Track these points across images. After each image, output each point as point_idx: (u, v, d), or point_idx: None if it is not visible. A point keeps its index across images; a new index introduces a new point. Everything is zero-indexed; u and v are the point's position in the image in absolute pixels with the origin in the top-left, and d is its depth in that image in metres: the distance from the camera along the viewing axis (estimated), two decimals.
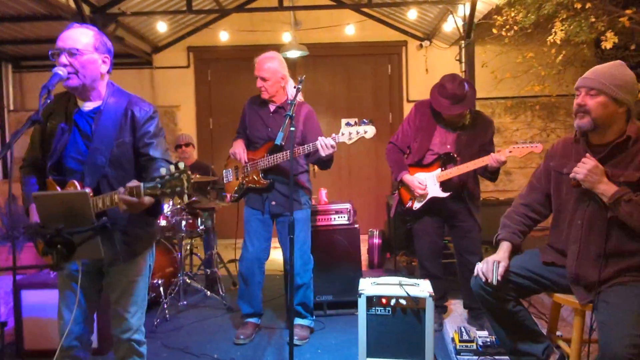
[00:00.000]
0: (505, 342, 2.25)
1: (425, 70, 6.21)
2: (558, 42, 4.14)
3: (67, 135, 1.89)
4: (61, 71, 1.81)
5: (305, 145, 2.98)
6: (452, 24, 5.19)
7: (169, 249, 4.16)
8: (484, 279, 2.13)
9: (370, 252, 4.98)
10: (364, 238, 4.97)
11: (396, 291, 2.44)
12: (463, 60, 5.12)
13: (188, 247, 4.43)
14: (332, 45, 6.24)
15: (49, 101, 1.77)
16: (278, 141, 2.63)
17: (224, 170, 3.35)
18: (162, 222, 4.00)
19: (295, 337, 3.17)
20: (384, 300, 2.42)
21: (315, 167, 4.96)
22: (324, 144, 2.89)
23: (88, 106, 1.94)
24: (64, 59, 1.81)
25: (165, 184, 1.67)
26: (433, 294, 2.44)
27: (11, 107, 6.24)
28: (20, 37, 5.33)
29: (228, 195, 3.32)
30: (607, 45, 3.77)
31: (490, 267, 2.12)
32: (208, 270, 4.32)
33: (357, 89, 6.45)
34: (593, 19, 3.92)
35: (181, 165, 1.69)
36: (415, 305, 2.39)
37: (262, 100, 3.23)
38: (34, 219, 1.82)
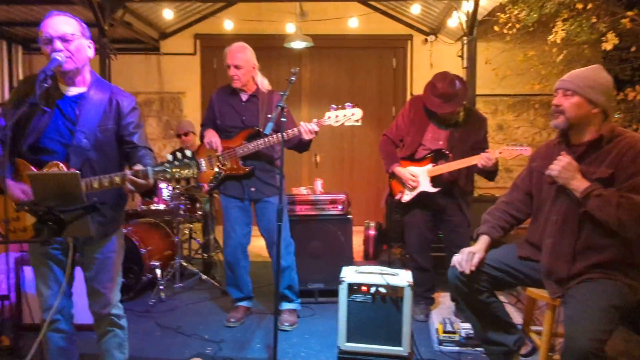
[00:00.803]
0: (478, 332, 2.33)
1: (429, 65, 6.22)
2: (558, 41, 4.14)
3: (47, 116, 1.95)
4: (59, 56, 1.88)
5: (290, 130, 3.03)
6: (456, 20, 5.20)
7: (168, 232, 4.27)
8: (459, 269, 2.20)
9: (365, 243, 5.04)
10: (360, 229, 5.05)
11: (377, 280, 2.52)
12: (465, 56, 5.13)
13: (187, 232, 4.54)
14: (337, 37, 6.25)
15: (46, 85, 1.86)
16: (268, 131, 2.69)
17: None
18: (161, 206, 4.12)
19: (286, 323, 3.27)
20: (364, 288, 2.50)
21: (318, 157, 4.99)
22: (307, 129, 2.98)
23: (72, 91, 2.01)
24: (58, 44, 1.88)
25: (173, 169, 1.83)
26: (412, 283, 2.52)
27: None
28: (30, 19, 5.42)
29: (205, 185, 3.37)
30: (608, 46, 3.76)
31: (465, 257, 2.20)
32: (205, 255, 4.43)
33: (361, 82, 6.47)
34: (594, 19, 3.92)
35: (188, 152, 1.84)
36: (394, 294, 2.47)
37: (231, 90, 3.27)
38: (15, 193, 1.90)
